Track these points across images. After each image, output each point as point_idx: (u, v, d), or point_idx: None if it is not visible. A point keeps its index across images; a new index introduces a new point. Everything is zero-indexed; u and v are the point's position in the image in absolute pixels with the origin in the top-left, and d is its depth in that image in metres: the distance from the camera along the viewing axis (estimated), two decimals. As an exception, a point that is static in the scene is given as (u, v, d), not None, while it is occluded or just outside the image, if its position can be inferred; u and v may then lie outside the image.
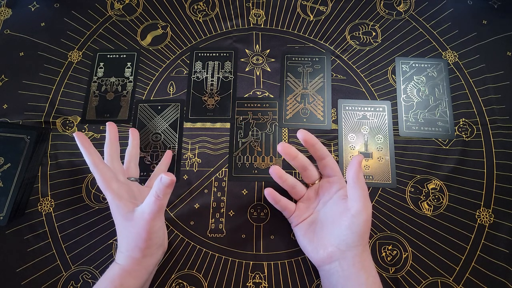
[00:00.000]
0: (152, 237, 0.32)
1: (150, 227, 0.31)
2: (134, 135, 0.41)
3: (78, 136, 0.34)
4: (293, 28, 0.48)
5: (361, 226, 0.30)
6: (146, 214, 0.31)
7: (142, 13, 0.49)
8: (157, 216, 0.31)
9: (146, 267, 0.33)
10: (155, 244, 0.33)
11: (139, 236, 0.31)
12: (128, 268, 0.32)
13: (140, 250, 0.32)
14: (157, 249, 0.34)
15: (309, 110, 0.44)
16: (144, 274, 0.33)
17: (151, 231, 0.32)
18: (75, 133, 0.34)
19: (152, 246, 0.33)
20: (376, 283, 0.31)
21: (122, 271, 0.32)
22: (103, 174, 0.33)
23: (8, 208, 0.38)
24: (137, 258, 0.32)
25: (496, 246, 0.38)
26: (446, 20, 0.47)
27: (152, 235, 0.32)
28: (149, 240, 0.32)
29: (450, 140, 0.42)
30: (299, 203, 0.37)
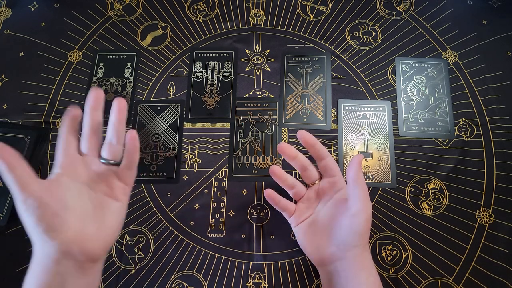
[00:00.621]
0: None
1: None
2: (120, 106, 0.33)
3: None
4: (293, 28, 0.48)
5: (361, 226, 0.30)
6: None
7: (142, 14, 0.49)
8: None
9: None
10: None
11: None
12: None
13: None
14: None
15: (309, 110, 0.44)
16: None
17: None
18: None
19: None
20: (376, 283, 0.31)
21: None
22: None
23: (8, 208, 0.38)
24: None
25: (496, 246, 0.38)
26: (446, 20, 0.47)
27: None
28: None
29: (450, 140, 0.42)
30: (299, 203, 0.37)
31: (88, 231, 0.28)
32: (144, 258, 0.39)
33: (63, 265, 0.26)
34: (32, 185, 0.26)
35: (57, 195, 0.27)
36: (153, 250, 0.39)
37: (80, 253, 0.26)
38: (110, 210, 0.30)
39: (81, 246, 0.27)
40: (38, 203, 0.25)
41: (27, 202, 0.25)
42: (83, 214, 0.28)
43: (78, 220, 0.27)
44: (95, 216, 0.29)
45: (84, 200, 0.29)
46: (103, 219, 0.29)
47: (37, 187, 0.26)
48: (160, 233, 0.40)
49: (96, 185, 0.30)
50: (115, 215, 0.30)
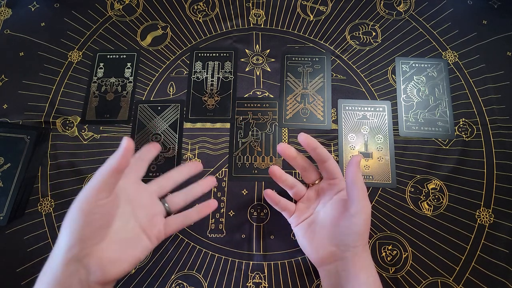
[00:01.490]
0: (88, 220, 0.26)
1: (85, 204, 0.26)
2: (208, 184, 0.36)
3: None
4: (293, 28, 0.48)
5: (360, 226, 0.30)
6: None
7: (142, 14, 0.49)
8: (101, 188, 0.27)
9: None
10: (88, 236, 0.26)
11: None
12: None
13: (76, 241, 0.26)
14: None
15: (309, 110, 0.44)
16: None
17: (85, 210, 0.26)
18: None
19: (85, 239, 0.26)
20: (376, 282, 0.31)
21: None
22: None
23: (8, 208, 0.38)
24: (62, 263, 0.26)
25: (496, 246, 0.38)
26: (446, 20, 0.47)
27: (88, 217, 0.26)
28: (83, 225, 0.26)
29: (450, 140, 0.42)
30: (299, 203, 0.37)
31: (114, 254, 0.28)
32: (144, 258, 0.39)
33: (75, 278, 0.26)
34: (104, 197, 0.27)
35: (107, 210, 0.28)
36: (153, 250, 0.39)
37: (98, 272, 0.26)
38: (140, 245, 0.30)
39: (101, 263, 0.27)
40: (88, 216, 0.26)
41: (83, 208, 0.26)
42: (119, 237, 0.29)
43: (112, 240, 0.28)
44: (126, 244, 0.29)
45: (127, 226, 0.30)
46: (131, 250, 0.30)
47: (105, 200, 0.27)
48: (160, 233, 0.40)
49: (144, 219, 0.31)
50: (141, 251, 0.30)
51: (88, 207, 0.26)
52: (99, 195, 0.27)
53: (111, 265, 0.27)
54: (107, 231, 0.28)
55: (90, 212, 0.26)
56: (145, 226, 0.31)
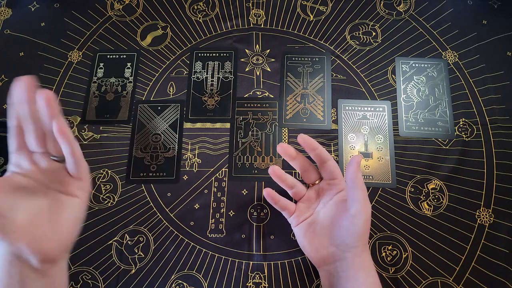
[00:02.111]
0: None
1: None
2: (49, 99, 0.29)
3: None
4: (293, 28, 0.48)
5: (360, 226, 0.30)
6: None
7: (142, 14, 0.49)
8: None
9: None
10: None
11: None
12: None
13: None
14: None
15: (309, 110, 0.44)
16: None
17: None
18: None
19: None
20: (376, 283, 0.31)
21: None
22: None
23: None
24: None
25: (496, 246, 0.38)
26: (446, 20, 0.47)
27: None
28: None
29: (450, 140, 0.42)
30: (299, 203, 0.37)
31: (40, 231, 0.26)
32: (144, 258, 0.39)
33: (17, 266, 0.25)
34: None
35: (8, 194, 0.26)
36: (153, 250, 0.39)
37: (32, 254, 0.25)
38: (65, 208, 0.28)
39: (33, 246, 0.25)
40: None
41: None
42: (33, 213, 0.26)
43: (28, 220, 0.25)
44: (48, 214, 0.27)
45: (35, 199, 0.27)
46: (57, 217, 0.27)
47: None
48: (160, 233, 0.40)
49: (49, 183, 0.28)
50: (70, 212, 0.28)
51: None
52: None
53: (42, 242, 0.26)
54: (13, 212, 0.25)
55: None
56: (53, 186, 0.28)
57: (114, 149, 0.43)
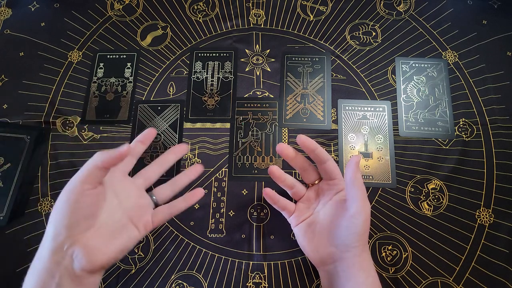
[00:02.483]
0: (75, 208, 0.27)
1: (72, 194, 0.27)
2: (196, 169, 0.37)
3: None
4: (293, 28, 0.48)
5: (360, 226, 0.30)
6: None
7: (142, 14, 0.49)
8: (85, 182, 0.28)
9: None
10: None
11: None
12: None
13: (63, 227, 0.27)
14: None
15: (309, 110, 0.44)
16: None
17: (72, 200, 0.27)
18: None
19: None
20: (376, 283, 0.31)
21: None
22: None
23: (8, 208, 0.38)
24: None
25: (496, 246, 0.38)
26: (446, 20, 0.47)
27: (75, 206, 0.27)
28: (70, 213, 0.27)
29: (450, 140, 0.42)
30: (299, 203, 0.37)
31: (100, 242, 0.29)
32: (144, 258, 0.39)
33: (62, 268, 0.27)
34: (94, 182, 0.29)
35: (95, 200, 0.29)
36: (153, 250, 0.39)
37: (83, 260, 0.27)
38: (128, 235, 0.31)
39: (89, 253, 0.27)
40: (75, 201, 0.27)
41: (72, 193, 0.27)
42: (105, 227, 0.30)
43: (98, 229, 0.29)
44: (113, 233, 0.30)
45: (113, 217, 0.31)
46: (118, 238, 0.30)
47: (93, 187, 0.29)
48: (160, 233, 0.40)
49: (131, 209, 0.32)
50: (129, 240, 0.31)
51: (74, 197, 0.27)
52: (84, 186, 0.28)
53: (96, 253, 0.28)
54: (93, 221, 0.29)
55: (76, 201, 0.27)
56: (132, 216, 0.32)
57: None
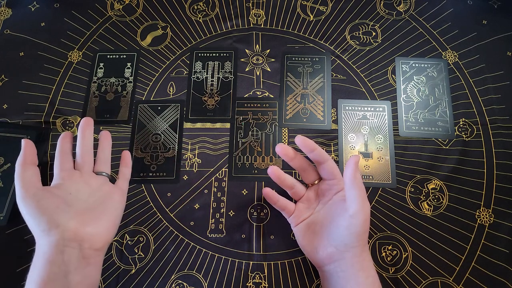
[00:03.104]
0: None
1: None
2: (106, 137, 0.39)
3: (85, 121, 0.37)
4: (293, 28, 0.48)
5: (359, 226, 0.30)
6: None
7: (142, 14, 0.49)
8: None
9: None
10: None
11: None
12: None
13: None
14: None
15: (309, 110, 0.44)
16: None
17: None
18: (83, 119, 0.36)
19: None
20: (376, 283, 0.31)
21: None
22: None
23: (8, 208, 0.38)
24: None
25: (496, 246, 0.38)
26: (446, 20, 0.47)
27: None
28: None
29: (450, 140, 0.42)
30: (299, 203, 0.37)
31: (91, 220, 0.31)
32: (144, 258, 0.39)
33: (66, 253, 0.29)
34: (33, 187, 0.31)
35: (57, 194, 0.32)
36: (153, 250, 0.39)
37: (84, 238, 0.30)
38: (111, 201, 0.35)
39: (85, 232, 0.30)
40: (36, 203, 0.30)
41: (26, 201, 0.30)
42: (84, 206, 0.32)
43: (80, 212, 0.31)
44: (97, 208, 0.33)
45: (84, 197, 0.33)
46: (104, 209, 0.33)
47: (37, 189, 0.31)
48: (160, 233, 0.40)
49: (96, 189, 0.35)
50: (115, 204, 0.35)
51: (30, 199, 0.30)
52: (26, 189, 0.31)
53: (93, 228, 0.31)
54: (70, 206, 0.31)
55: (37, 200, 0.30)
56: (100, 184, 0.36)
57: (114, 149, 0.43)
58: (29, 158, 0.33)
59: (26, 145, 0.33)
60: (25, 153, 0.33)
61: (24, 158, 0.32)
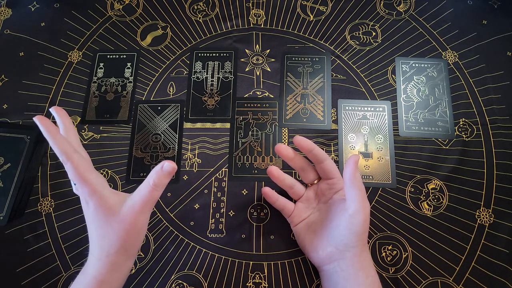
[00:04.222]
0: (140, 232, 0.29)
1: (139, 220, 0.28)
2: (61, 114, 0.33)
3: (40, 120, 0.28)
4: (293, 28, 0.48)
5: (359, 226, 0.30)
6: (136, 206, 0.28)
7: (142, 14, 0.49)
8: (147, 209, 0.29)
9: (127, 272, 0.30)
10: (140, 241, 0.30)
11: (126, 233, 0.28)
12: (108, 279, 0.28)
13: (125, 250, 0.29)
14: (138, 249, 0.31)
15: (309, 110, 0.44)
16: (121, 282, 0.30)
17: (139, 225, 0.29)
18: (35, 117, 0.28)
19: (138, 244, 0.30)
20: (375, 283, 0.31)
21: (98, 283, 0.28)
22: (77, 164, 0.28)
23: (8, 208, 0.38)
24: (118, 263, 0.29)
25: (496, 246, 0.38)
26: (446, 20, 0.47)
27: (140, 231, 0.29)
28: (136, 236, 0.29)
29: (450, 140, 0.42)
30: (298, 203, 0.37)
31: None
32: (144, 258, 0.39)
33: (115, 272, 0.29)
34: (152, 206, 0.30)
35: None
36: (153, 250, 0.39)
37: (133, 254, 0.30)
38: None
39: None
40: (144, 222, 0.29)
41: (141, 215, 0.29)
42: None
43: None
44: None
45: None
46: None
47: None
48: (160, 233, 0.40)
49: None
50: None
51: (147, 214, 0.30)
52: (145, 205, 0.29)
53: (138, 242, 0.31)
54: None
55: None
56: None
57: (114, 149, 0.43)
58: (161, 182, 0.29)
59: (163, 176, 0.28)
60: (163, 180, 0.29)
61: (159, 181, 0.28)
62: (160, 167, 0.27)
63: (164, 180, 0.28)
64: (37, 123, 0.28)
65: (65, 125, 0.33)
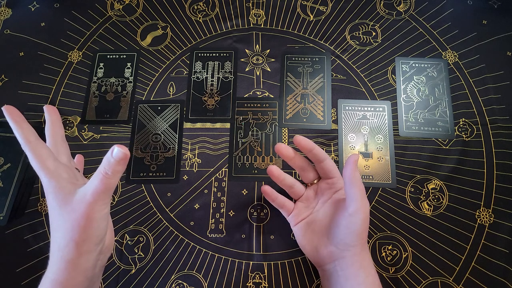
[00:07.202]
0: (92, 225, 0.26)
1: (91, 212, 0.26)
2: (51, 111, 0.34)
3: (7, 109, 0.29)
4: (293, 28, 0.48)
5: (359, 225, 0.30)
6: (88, 195, 0.26)
7: (142, 14, 0.49)
8: (100, 199, 0.26)
9: (83, 272, 0.27)
10: (95, 236, 0.27)
11: (76, 224, 0.26)
12: (61, 278, 0.26)
13: (75, 244, 0.26)
14: (96, 245, 0.27)
15: (309, 110, 0.44)
16: (81, 282, 0.27)
17: (91, 217, 0.26)
18: (3, 106, 0.29)
19: (91, 238, 0.27)
20: (375, 282, 0.31)
21: (51, 282, 0.26)
22: (36, 151, 0.28)
23: (8, 208, 0.38)
24: (72, 259, 0.26)
25: (496, 246, 0.38)
26: (446, 20, 0.47)
27: (92, 223, 0.26)
28: (88, 229, 0.26)
29: (450, 140, 0.42)
30: (298, 202, 0.37)
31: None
32: (144, 258, 0.39)
33: (97, 267, 0.29)
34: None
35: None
36: (153, 250, 0.39)
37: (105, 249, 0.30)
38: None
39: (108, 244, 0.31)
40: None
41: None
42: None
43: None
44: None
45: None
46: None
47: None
48: (160, 233, 0.40)
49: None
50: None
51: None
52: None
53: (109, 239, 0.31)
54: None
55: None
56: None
57: (114, 149, 0.43)
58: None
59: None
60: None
61: (111, 169, 0.26)
62: (110, 153, 0.25)
63: (116, 167, 0.25)
64: (3, 111, 0.29)
65: (51, 121, 0.34)
